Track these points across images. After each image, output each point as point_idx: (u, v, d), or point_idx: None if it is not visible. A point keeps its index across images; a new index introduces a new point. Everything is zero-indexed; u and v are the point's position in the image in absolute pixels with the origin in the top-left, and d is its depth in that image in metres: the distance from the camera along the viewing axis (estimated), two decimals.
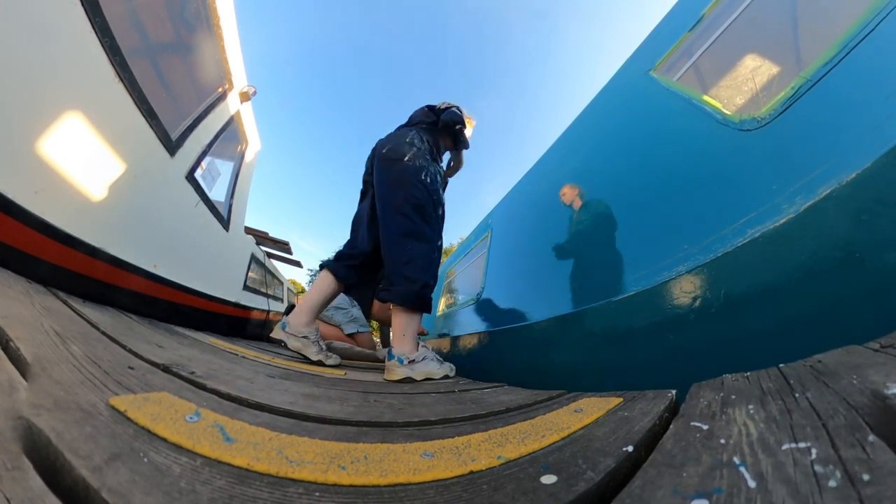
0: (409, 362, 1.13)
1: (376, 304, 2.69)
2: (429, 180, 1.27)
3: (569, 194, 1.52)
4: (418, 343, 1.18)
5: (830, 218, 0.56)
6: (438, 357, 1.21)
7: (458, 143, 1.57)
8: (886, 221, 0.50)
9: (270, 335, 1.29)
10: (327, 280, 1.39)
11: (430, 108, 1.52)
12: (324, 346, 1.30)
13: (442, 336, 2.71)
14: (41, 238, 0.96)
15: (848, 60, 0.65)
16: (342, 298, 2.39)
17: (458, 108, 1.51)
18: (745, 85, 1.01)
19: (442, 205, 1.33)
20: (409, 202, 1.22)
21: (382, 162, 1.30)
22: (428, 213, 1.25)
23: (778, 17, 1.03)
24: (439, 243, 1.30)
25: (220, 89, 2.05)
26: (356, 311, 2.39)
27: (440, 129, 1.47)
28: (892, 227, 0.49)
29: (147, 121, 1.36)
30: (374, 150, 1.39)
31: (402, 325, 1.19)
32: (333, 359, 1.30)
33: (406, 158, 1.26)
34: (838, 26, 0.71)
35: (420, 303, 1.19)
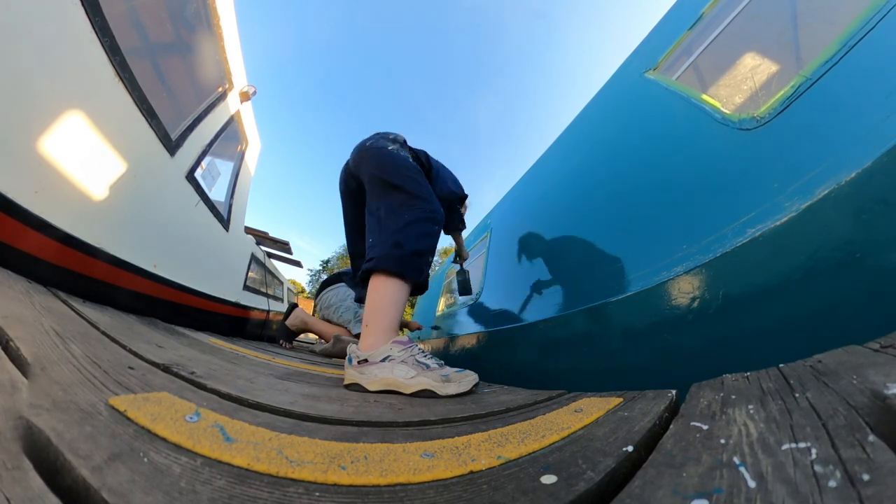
0: (361, 362, 0.86)
1: None
2: (408, 159, 1.18)
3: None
4: (391, 338, 0.90)
5: (830, 218, 0.56)
6: (434, 363, 0.85)
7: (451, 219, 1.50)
8: (886, 221, 0.50)
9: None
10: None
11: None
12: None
13: (441, 336, 2.71)
14: (41, 238, 0.96)
15: (848, 59, 0.65)
16: (352, 297, 2.36)
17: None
18: (744, 84, 1.01)
19: (421, 174, 1.18)
20: (394, 178, 1.10)
21: (367, 151, 1.20)
22: (412, 182, 1.11)
23: (777, 16, 1.03)
24: (429, 208, 1.09)
25: (220, 89, 2.05)
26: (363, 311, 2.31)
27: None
28: (892, 227, 0.49)
29: (147, 120, 1.36)
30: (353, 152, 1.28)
31: (370, 304, 0.95)
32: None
33: (389, 148, 1.19)
34: (838, 25, 0.71)
35: (405, 266, 0.96)
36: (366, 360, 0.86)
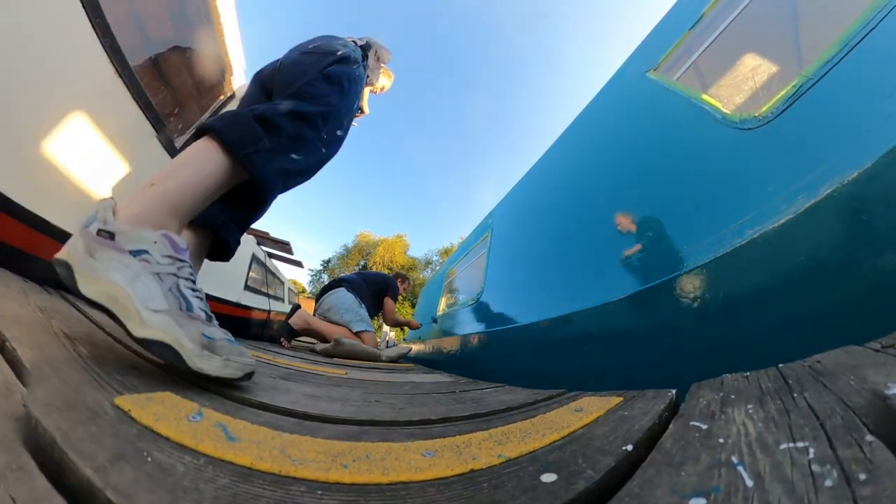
0: (103, 234, 0.53)
1: (388, 309, 2.87)
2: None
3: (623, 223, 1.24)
4: (169, 227, 0.63)
5: (830, 218, 0.56)
6: (202, 308, 0.58)
7: None
8: (886, 222, 0.50)
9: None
10: None
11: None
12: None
13: (442, 336, 2.71)
14: (42, 238, 0.96)
15: (849, 59, 0.65)
16: (351, 300, 2.55)
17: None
18: (745, 84, 1.01)
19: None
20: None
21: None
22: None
23: (778, 16, 1.03)
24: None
25: (222, 90, 2.06)
26: (363, 312, 2.55)
27: None
28: (892, 228, 0.49)
29: (148, 121, 1.36)
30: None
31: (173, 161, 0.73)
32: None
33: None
34: (839, 24, 0.71)
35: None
36: (111, 237, 0.53)
